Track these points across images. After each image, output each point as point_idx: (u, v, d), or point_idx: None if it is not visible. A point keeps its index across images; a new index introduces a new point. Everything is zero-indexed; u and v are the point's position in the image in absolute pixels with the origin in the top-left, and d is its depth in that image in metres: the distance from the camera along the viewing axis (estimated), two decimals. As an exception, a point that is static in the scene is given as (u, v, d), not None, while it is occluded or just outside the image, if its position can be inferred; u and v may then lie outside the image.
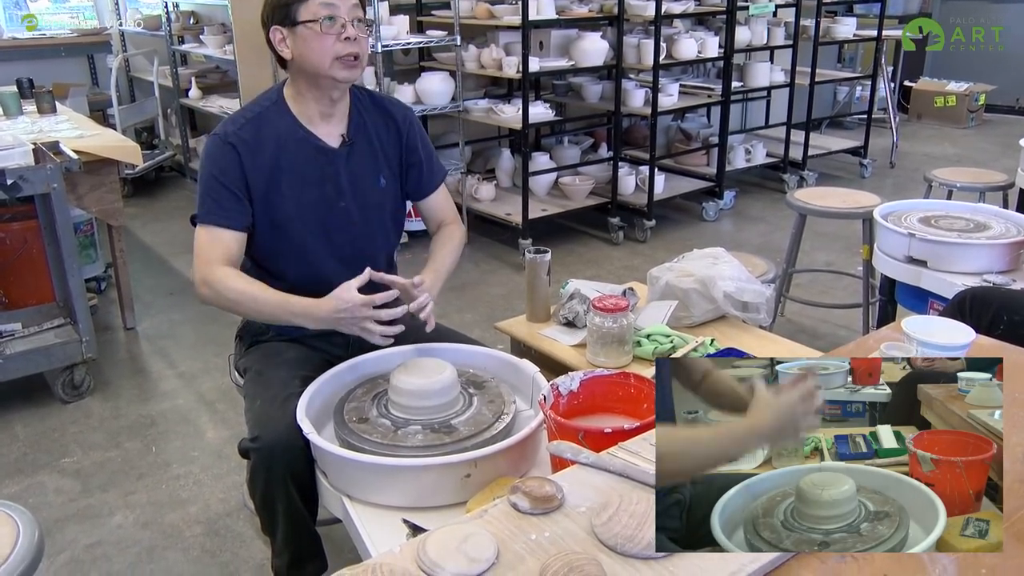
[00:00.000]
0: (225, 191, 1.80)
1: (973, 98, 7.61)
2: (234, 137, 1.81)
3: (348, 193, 1.90)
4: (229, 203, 1.80)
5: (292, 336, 1.96)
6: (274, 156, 1.83)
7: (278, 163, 1.83)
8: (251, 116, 1.85)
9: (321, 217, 1.88)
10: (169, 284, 4.20)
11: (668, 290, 2.30)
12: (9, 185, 2.77)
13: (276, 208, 1.85)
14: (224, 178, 1.80)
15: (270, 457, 1.65)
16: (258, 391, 1.81)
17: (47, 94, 4.03)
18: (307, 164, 1.86)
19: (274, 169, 1.83)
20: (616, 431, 1.41)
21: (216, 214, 1.80)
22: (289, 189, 1.84)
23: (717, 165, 5.22)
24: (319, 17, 1.74)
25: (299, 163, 1.85)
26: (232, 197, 1.80)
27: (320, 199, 1.87)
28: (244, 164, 1.80)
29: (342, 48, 1.76)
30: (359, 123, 1.92)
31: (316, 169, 1.86)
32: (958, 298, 2.20)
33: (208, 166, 1.82)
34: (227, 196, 1.80)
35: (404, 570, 1.01)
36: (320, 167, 1.87)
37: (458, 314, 3.81)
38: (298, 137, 1.85)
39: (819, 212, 3.29)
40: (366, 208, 1.93)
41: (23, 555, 1.41)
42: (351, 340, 1.98)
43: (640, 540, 1.04)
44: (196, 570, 2.25)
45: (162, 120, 5.97)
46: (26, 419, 2.99)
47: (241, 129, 1.82)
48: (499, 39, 4.66)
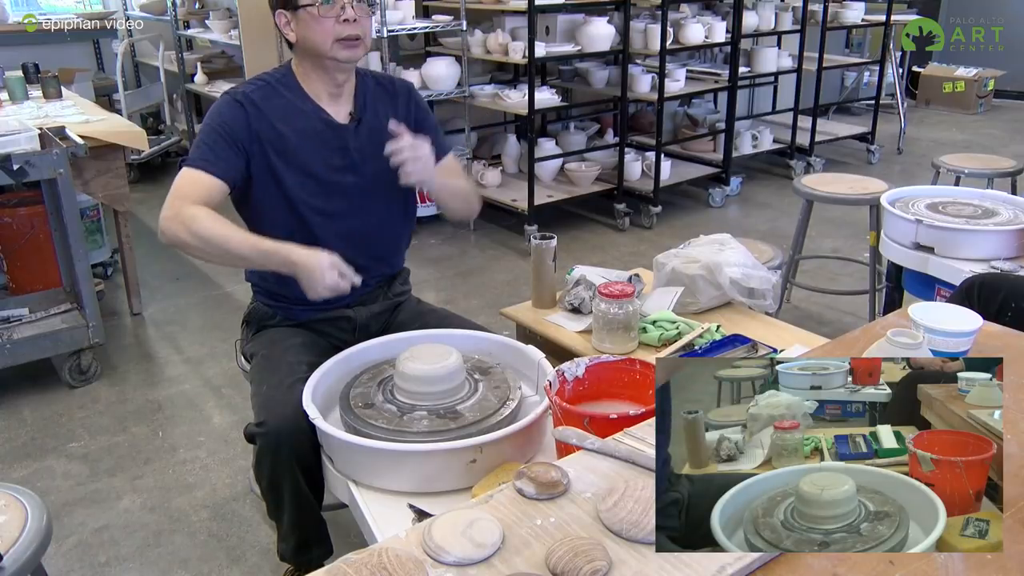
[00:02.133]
0: (222, 141, 1.79)
1: (982, 84, 7.56)
2: (244, 97, 1.82)
3: (358, 168, 1.90)
4: (223, 152, 1.78)
5: (299, 321, 1.96)
6: (283, 122, 1.84)
7: (285, 130, 1.84)
8: (264, 82, 1.88)
9: (326, 190, 1.88)
10: (176, 269, 4.21)
11: (674, 276, 2.30)
12: (15, 170, 2.78)
13: (280, 175, 1.84)
14: (224, 129, 1.80)
15: (276, 442, 1.66)
16: (264, 376, 1.81)
17: (53, 79, 4.03)
18: (315, 135, 1.86)
19: (281, 135, 1.83)
20: (621, 417, 1.41)
21: (206, 159, 1.77)
22: (294, 157, 1.85)
23: (724, 151, 5.19)
24: (317, 0, 1.75)
25: (307, 133, 1.86)
26: (227, 147, 1.79)
27: (326, 171, 1.87)
28: (251, 123, 1.81)
29: (342, 29, 1.77)
30: (365, 103, 1.93)
31: (324, 141, 1.87)
32: (965, 284, 2.19)
33: (212, 118, 1.82)
34: (223, 146, 1.79)
35: (410, 555, 1.01)
36: (327, 139, 1.88)
37: (464, 300, 3.81)
38: (307, 109, 1.87)
39: (826, 198, 3.28)
40: (376, 187, 1.92)
41: (31, 538, 1.43)
42: (358, 325, 1.99)
43: (645, 525, 1.05)
44: (203, 554, 2.26)
45: (168, 105, 5.96)
46: (34, 404, 3.01)
47: (253, 92, 1.84)
48: (505, 24, 4.64)
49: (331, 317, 1.97)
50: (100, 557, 2.26)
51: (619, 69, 4.70)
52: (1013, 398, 1.35)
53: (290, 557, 1.86)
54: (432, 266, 4.24)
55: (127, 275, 3.67)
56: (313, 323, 1.97)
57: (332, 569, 0.99)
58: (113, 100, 5.50)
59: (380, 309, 2.04)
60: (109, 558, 2.26)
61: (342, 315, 1.98)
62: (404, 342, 1.86)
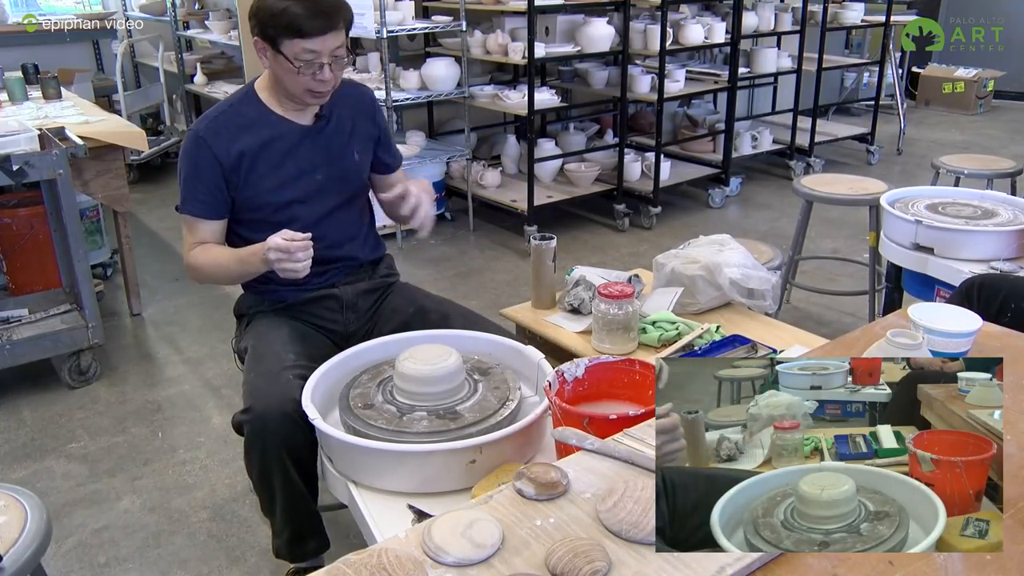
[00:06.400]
0: (199, 183, 1.89)
1: (982, 84, 7.56)
2: (205, 131, 1.88)
3: (322, 165, 1.96)
4: (202, 194, 1.90)
5: (287, 302, 2.02)
6: (248, 142, 1.89)
7: (252, 146, 1.89)
8: (222, 110, 1.93)
9: (298, 189, 1.95)
10: (175, 270, 4.21)
11: (674, 277, 2.30)
12: (15, 171, 2.78)
13: (255, 187, 1.91)
14: (195, 171, 1.88)
15: (263, 427, 1.67)
16: (252, 366, 1.85)
17: (52, 80, 4.02)
18: (281, 141, 1.92)
19: (248, 153, 1.89)
20: (621, 417, 1.41)
21: (192, 204, 1.91)
22: (266, 167, 1.91)
23: (723, 151, 5.19)
24: (299, 58, 1.78)
25: (274, 142, 1.91)
26: (205, 189, 1.89)
27: (296, 173, 1.94)
28: (217, 155, 1.87)
29: (315, 85, 1.83)
30: (329, 104, 1.96)
31: (290, 145, 1.92)
32: (965, 285, 2.19)
33: (183, 160, 1.91)
34: (201, 189, 1.89)
35: (409, 555, 1.01)
36: (294, 143, 1.93)
37: (463, 300, 3.79)
38: (271, 121, 1.92)
39: (826, 199, 3.28)
40: (342, 180, 2.00)
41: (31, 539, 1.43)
42: (344, 303, 2.04)
43: (645, 526, 1.05)
44: (202, 554, 2.26)
45: (167, 106, 5.96)
46: (33, 404, 3.01)
47: (213, 123, 1.89)
48: (505, 24, 4.64)
49: (318, 296, 2.02)
50: (100, 558, 2.26)
51: (619, 70, 4.70)
52: (1013, 398, 1.35)
53: (285, 552, 1.85)
54: (432, 266, 4.24)
55: (127, 275, 3.66)
56: (301, 305, 2.02)
57: (332, 570, 0.99)
58: (113, 101, 5.50)
59: (367, 288, 2.08)
60: (109, 559, 2.26)
61: (328, 294, 2.04)
62: (404, 342, 1.86)
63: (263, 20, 1.79)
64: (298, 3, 1.75)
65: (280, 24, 1.76)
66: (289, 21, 1.75)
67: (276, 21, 1.76)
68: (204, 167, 1.87)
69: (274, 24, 1.77)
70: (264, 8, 1.79)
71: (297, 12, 1.74)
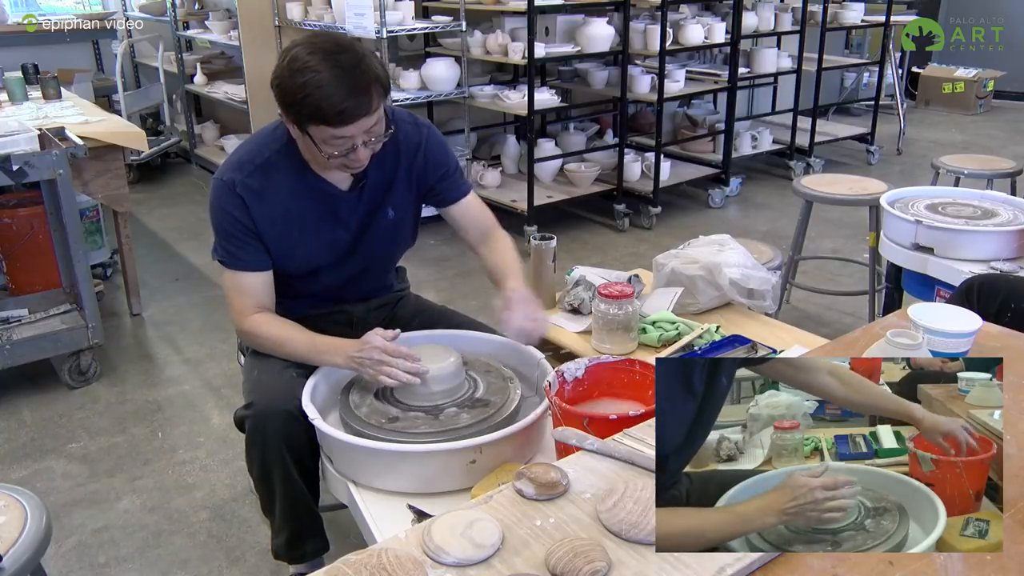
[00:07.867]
0: (238, 239, 1.76)
1: (982, 84, 7.56)
2: (241, 187, 1.73)
3: (355, 231, 1.86)
4: (246, 252, 1.78)
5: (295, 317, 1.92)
6: (284, 203, 1.77)
7: (288, 210, 1.78)
8: (259, 163, 1.76)
9: (324, 257, 1.87)
10: (175, 270, 4.21)
11: (674, 277, 2.30)
12: (15, 171, 2.78)
13: (288, 250, 1.81)
14: (235, 225, 1.75)
15: (264, 422, 1.67)
16: (255, 363, 1.84)
17: (52, 80, 4.02)
18: (317, 209, 1.81)
19: (284, 216, 1.78)
20: (621, 417, 1.41)
21: (236, 258, 1.78)
22: (300, 234, 1.80)
23: (723, 152, 5.19)
24: (328, 144, 1.62)
25: (309, 209, 1.80)
26: (247, 245, 1.77)
27: (331, 241, 1.85)
28: (252, 212, 1.75)
29: (348, 162, 1.68)
30: (373, 162, 1.77)
31: (327, 213, 1.82)
32: (965, 285, 2.19)
33: (217, 214, 1.77)
34: (241, 244, 1.77)
35: (409, 555, 1.01)
36: (330, 211, 1.82)
37: (463, 300, 3.80)
38: (308, 182, 1.78)
39: (826, 199, 3.28)
40: (373, 241, 1.89)
41: (31, 539, 1.43)
42: (355, 320, 1.99)
43: (645, 526, 1.04)
44: (202, 554, 2.26)
45: (167, 106, 5.96)
46: (33, 404, 3.01)
47: (248, 177, 1.74)
48: (505, 24, 4.64)
49: (327, 312, 1.97)
50: (100, 558, 2.26)
51: (619, 70, 4.70)
52: (1013, 398, 1.35)
53: (284, 551, 1.83)
54: (432, 266, 4.24)
55: (126, 276, 3.66)
56: (309, 319, 1.96)
57: (331, 570, 0.99)
58: (113, 101, 5.50)
59: (379, 304, 2.05)
60: (109, 559, 2.25)
61: (339, 310, 1.99)
62: (404, 342, 1.85)
63: (285, 101, 1.60)
64: (323, 85, 1.52)
65: (304, 112, 1.57)
66: (313, 110, 1.55)
67: (300, 109, 1.57)
68: (243, 219, 1.75)
69: (296, 110, 1.58)
70: (284, 87, 1.58)
71: (321, 99, 1.53)
